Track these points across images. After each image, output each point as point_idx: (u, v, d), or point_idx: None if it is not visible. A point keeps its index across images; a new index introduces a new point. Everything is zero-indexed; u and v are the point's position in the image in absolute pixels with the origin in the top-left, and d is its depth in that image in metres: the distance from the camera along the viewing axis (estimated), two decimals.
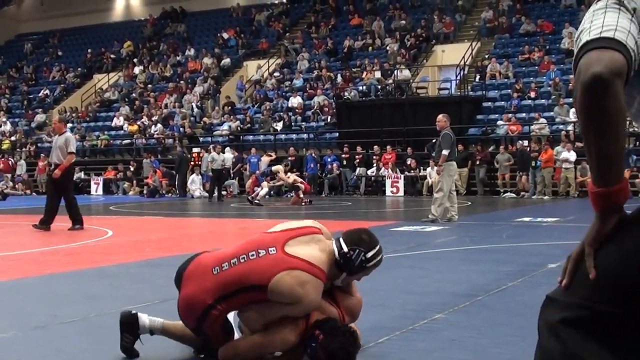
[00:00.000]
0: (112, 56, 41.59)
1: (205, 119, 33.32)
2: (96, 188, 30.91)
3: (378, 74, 31.10)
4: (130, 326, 4.64)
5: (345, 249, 4.27)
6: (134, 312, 4.67)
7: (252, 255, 4.24)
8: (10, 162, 32.81)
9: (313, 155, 27.51)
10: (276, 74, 34.99)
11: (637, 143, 23.40)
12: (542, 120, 25.61)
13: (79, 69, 41.73)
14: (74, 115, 36.69)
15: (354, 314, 4.63)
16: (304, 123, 30.69)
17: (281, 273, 4.08)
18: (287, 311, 4.17)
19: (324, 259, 4.23)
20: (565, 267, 2.05)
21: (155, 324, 4.68)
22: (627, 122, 19.36)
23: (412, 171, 26.16)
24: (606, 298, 1.91)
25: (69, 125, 34.43)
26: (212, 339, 4.42)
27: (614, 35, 1.90)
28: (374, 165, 26.99)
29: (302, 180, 23.37)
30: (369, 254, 4.32)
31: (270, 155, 28.54)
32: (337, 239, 4.37)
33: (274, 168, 23.00)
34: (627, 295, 1.89)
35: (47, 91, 40.05)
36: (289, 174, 22.81)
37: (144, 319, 4.67)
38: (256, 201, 21.02)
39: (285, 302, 4.12)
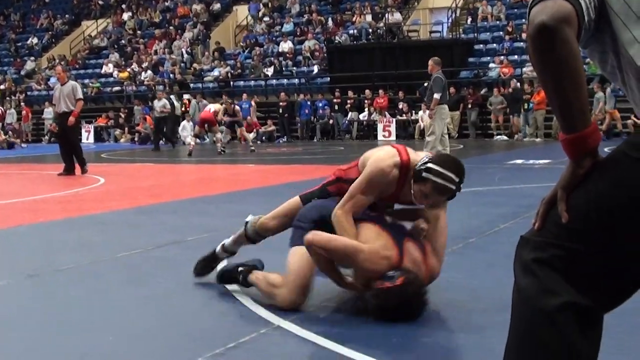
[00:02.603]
0: (100, 2, 41.05)
1: (195, 65, 33.08)
2: (87, 136, 30.78)
3: (369, 18, 30.81)
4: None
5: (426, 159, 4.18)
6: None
7: None
8: (0, 111, 32.63)
9: (307, 100, 27.43)
10: (266, 18, 34.65)
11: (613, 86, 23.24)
12: None
13: (67, 15, 41.21)
14: (62, 62, 36.33)
15: (433, 276, 4.37)
16: (294, 68, 30.50)
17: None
18: (364, 173, 4.30)
19: (416, 158, 4.25)
20: (538, 211, 2.06)
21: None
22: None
23: (404, 115, 26.09)
24: (578, 237, 1.93)
25: None
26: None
27: None
28: (366, 109, 26.92)
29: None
30: (433, 166, 4.07)
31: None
32: None
33: (216, 109, 21.27)
34: (599, 234, 1.91)
35: (35, 39, 39.60)
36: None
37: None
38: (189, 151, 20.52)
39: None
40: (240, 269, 4.71)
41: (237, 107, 22.86)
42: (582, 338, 1.92)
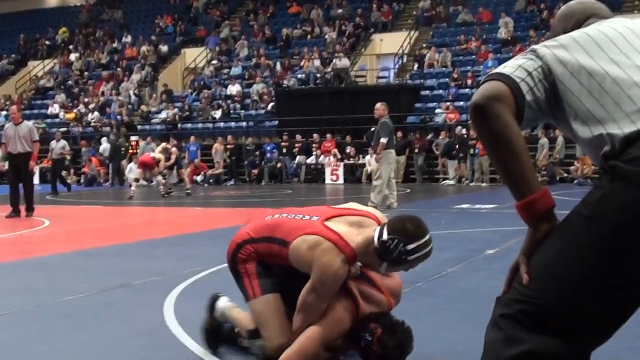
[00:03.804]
0: (47, 42, 40.79)
1: (143, 107, 32.94)
2: (32, 177, 30.28)
3: (317, 62, 31.08)
4: (210, 308, 4.56)
5: (384, 236, 3.88)
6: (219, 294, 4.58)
7: (298, 216, 4.17)
8: None
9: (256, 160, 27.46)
10: (214, 61, 34.73)
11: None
12: None
13: (13, 55, 40.87)
14: (7, 103, 35.95)
15: (397, 295, 4.45)
16: (242, 111, 30.54)
17: (301, 236, 3.97)
18: (314, 283, 3.92)
19: (359, 240, 3.95)
20: (507, 278, 2.18)
21: (225, 309, 4.48)
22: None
23: (351, 159, 26.24)
24: (539, 293, 2.03)
25: (3, 113, 33.82)
26: (246, 287, 4.20)
27: (500, 70, 2.17)
28: (314, 153, 27.02)
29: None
30: (410, 247, 3.87)
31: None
32: (382, 224, 4.01)
33: (157, 157, 20.54)
34: (557, 292, 2.01)
35: None
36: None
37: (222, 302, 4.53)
38: (131, 194, 19.90)
39: (305, 270, 3.96)
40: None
41: (173, 149, 22.39)
42: None
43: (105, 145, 28.83)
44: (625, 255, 1.92)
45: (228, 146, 27.41)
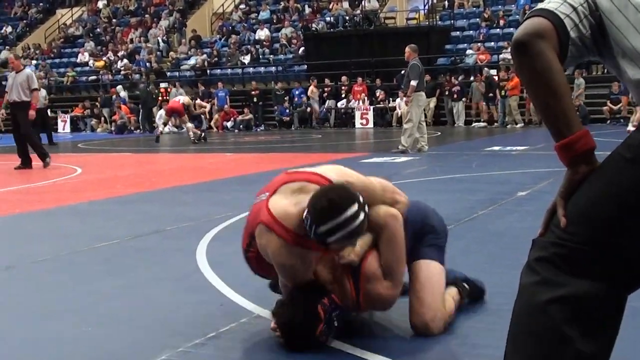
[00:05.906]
0: None
1: (171, 53, 32.92)
2: (63, 125, 30.56)
3: (346, 5, 30.76)
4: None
5: (305, 212, 3.35)
6: None
7: (257, 198, 3.78)
8: None
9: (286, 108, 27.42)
10: (242, 6, 34.53)
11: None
12: None
13: (41, 4, 40.88)
14: (37, 52, 36.09)
15: (372, 303, 3.74)
16: (271, 56, 30.42)
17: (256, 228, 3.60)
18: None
19: (294, 212, 3.45)
20: (544, 219, 2.14)
21: None
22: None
23: (381, 102, 26.10)
24: (577, 236, 1.99)
25: (33, 62, 33.97)
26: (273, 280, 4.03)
27: (544, 6, 2.10)
28: (343, 97, 26.90)
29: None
30: (322, 228, 3.27)
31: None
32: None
33: (185, 102, 20.98)
34: (596, 234, 1.96)
35: (10, 28, 39.25)
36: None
37: None
38: (158, 133, 20.10)
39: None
40: None
41: (198, 101, 22.72)
42: (576, 328, 1.96)
43: (124, 94, 29.04)
44: None
45: (253, 92, 27.38)
